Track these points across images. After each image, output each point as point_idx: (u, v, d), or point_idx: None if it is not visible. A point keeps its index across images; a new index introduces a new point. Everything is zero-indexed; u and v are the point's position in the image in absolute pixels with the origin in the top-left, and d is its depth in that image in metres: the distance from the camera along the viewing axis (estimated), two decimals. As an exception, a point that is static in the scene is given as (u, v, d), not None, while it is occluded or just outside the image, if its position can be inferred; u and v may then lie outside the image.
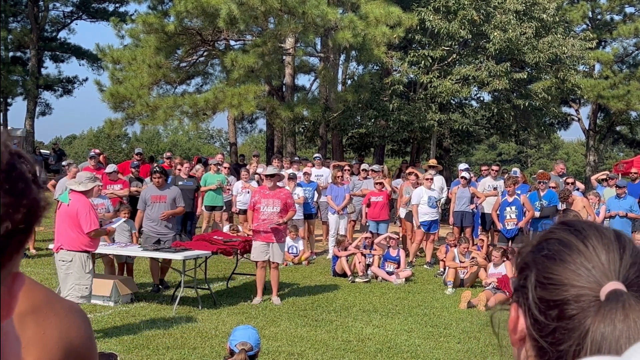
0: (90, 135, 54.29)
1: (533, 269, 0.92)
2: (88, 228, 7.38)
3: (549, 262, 0.91)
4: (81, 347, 1.23)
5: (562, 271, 0.89)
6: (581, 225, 0.94)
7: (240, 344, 4.44)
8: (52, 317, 1.21)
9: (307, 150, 35.08)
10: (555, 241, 0.93)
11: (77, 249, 7.43)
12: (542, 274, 0.90)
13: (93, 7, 34.06)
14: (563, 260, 0.90)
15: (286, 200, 9.86)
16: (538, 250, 0.94)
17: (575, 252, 0.90)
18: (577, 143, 62.34)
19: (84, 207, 7.43)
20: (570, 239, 0.92)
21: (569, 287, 0.87)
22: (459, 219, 14.06)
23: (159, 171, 10.56)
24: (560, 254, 0.91)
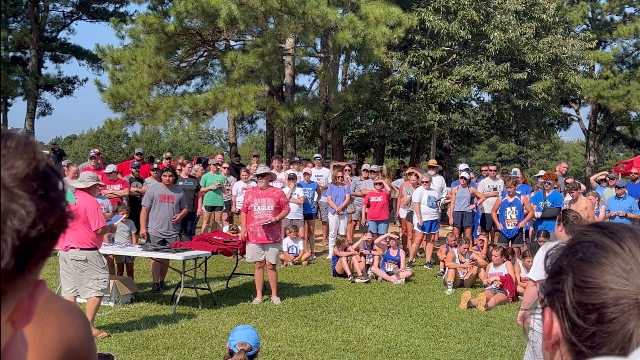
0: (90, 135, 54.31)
1: (569, 272, 0.91)
2: (96, 225, 7.59)
3: (585, 265, 0.90)
4: (80, 348, 1.23)
5: (600, 274, 0.88)
6: (615, 227, 0.93)
7: (240, 344, 4.44)
8: (51, 318, 1.20)
9: (307, 151, 35.07)
10: (590, 244, 0.92)
11: (88, 246, 7.63)
12: (579, 278, 0.89)
13: (93, 7, 34.06)
14: (600, 263, 0.89)
15: (279, 199, 9.87)
16: (572, 253, 0.93)
17: (611, 255, 0.89)
18: (577, 143, 62.34)
19: (91, 205, 7.63)
20: (605, 241, 0.91)
21: (608, 290, 0.86)
22: (459, 219, 14.07)
23: (170, 170, 10.71)
24: (596, 256, 0.90)
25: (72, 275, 7.70)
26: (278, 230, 10.10)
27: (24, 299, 0.71)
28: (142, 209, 10.66)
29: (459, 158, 31.76)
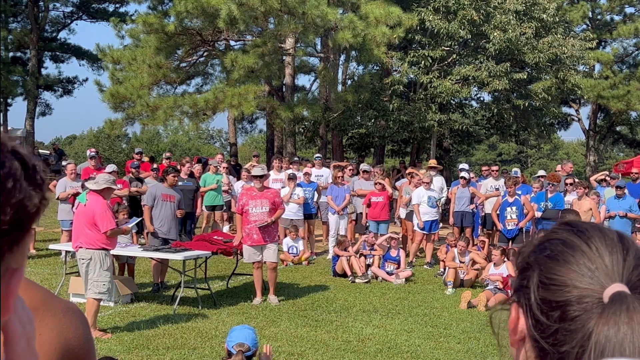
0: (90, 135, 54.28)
1: (535, 269, 0.91)
2: (104, 227, 7.64)
3: (551, 262, 0.90)
4: (78, 348, 1.23)
5: (565, 272, 0.88)
6: (584, 226, 0.93)
7: (237, 345, 4.44)
8: (49, 318, 1.20)
9: (307, 151, 35.06)
10: (558, 241, 0.92)
11: (96, 247, 7.69)
12: (545, 275, 0.89)
13: (93, 8, 34.05)
14: (566, 261, 0.89)
15: (274, 199, 9.87)
16: (540, 250, 0.93)
17: (578, 253, 0.89)
18: (577, 143, 62.34)
19: (100, 207, 7.68)
20: (573, 239, 0.91)
21: (572, 288, 0.86)
22: (459, 219, 14.07)
23: (174, 170, 10.79)
24: (563, 254, 0.90)
25: (82, 275, 7.88)
26: (275, 231, 10.10)
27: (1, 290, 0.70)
28: (144, 208, 10.68)
29: (459, 158, 31.76)
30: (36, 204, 0.70)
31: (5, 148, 0.69)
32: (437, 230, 14.37)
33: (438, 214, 14.21)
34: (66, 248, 10.05)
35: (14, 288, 0.72)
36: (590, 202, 12.67)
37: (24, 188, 0.69)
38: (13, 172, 0.68)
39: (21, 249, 0.72)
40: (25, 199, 0.69)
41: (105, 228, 7.63)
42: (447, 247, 12.63)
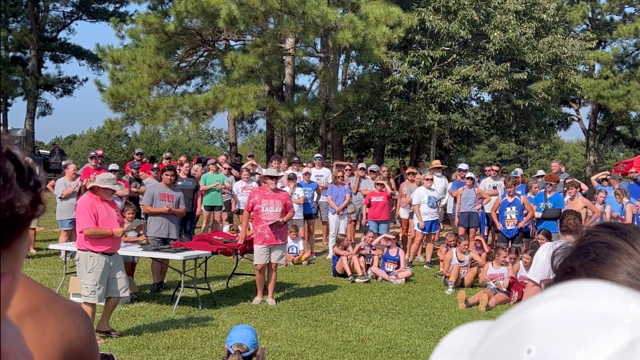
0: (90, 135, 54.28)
1: (582, 273, 0.89)
2: (79, 227, 7.52)
3: (598, 266, 0.88)
4: (81, 348, 1.23)
5: (613, 275, 0.86)
6: (626, 228, 0.92)
7: (236, 345, 4.44)
8: (52, 318, 1.20)
9: (307, 151, 35.08)
10: (602, 245, 0.90)
11: (81, 247, 7.57)
12: (592, 279, 0.89)
13: (93, 7, 34.06)
14: (613, 264, 0.87)
15: (286, 201, 9.90)
16: (584, 254, 0.91)
17: (624, 256, 0.88)
18: (577, 143, 62.33)
19: (81, 205, 7.58)
20: (617, 242, 0.89)
21: None
22: (466, 220, 14.04)
23: (171, 169, 10.76)
24: (609, 257, 0.88)
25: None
26: (285, 232, 10.12)
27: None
28: (143, 208, 10.70)
29: (459, 158, 31.73)
30: (26, 205, 0.69)
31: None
32: (438, 231, 14.37)
33: (438, 215, 14.20)
34: (66, 248, 10.06)
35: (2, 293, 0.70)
36: (584, 200, 12.68)
37: (14, 188, 0.68)
38: (4, 171, 0.68)
39: (11, 253, 0.70)
40: (15, 199, 0.68)
41: (80, 227, 7.49)
42: (447, 247, 12.63)
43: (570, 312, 0.62)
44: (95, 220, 7.48)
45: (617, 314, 0.60)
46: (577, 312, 0.62)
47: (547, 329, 0.62)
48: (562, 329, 0.61)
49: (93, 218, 7.46)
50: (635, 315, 0.60)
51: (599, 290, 0.64)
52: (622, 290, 0.64)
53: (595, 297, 0.63)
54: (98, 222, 7.50)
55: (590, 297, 0.63)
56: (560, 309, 0.63)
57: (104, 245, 7.59)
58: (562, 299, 0.64)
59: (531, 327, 0.63)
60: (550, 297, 0.66)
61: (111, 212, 7.70)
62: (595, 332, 0.59)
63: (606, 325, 0.59)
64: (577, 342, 0.59)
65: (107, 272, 7.60)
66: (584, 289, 0.65)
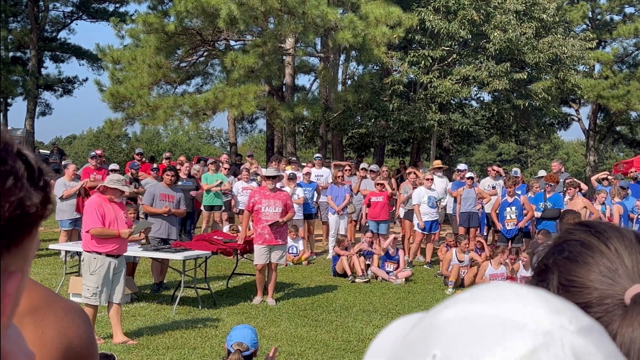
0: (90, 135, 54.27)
1: (555, 271, 0.90)
2: (86, 227, 7.47)
3: (571, 264, 0.89)
4: (80, 348, 1.23)
5: (585, 273, 0.87)
6: (602, 227, 0.92)
7: (236, 344, 4.45)
8: (51, 317, 1.20)
9: (307, 150, 35.07)
10: (576, 243, 0.91)
11: (86, 248, 7.53)
12: (565, 277, 0.88)
13: (93, 7, 34.03)
14: (586, 263, 0.88)
15: (286, 202, 9.89)
16: (559, 252, 0.92)
17: (597, 254, 0.88)
18: (577, 143, 62.33)
19: (89, 205, 7.54)
20: (591, 240, 0.90)
21: (592, 289, 0.85)
22: (466, 220, 14.04)
23: (172, 169, 10.74)
24: (582, 255, 0.88)
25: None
26: (285, 232, 10.11)
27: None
28: (143, 207, 10.69)
29: (459, 158, 31.73)
30: (36, 204, 0.69)
31: (10, 148, 0.69)
32: (437, 231, 14.37)
33: (438, 215, 14.20)
34: (66, 248, 10.06)
35: (11, 292, 0.71)
36: (584, 200, 12.67)
37: (24, 187, 0.69)
38: (15, 170, 0.68)
39: (21, 252, 0.71)
40: (25, 198, 0.68)
41: (86, 227, 7.45)
42: (447, 247, 12.63)
43: (476, 317, 0.62)
44: (102, 221, 7.41)
45: (522, 321, 0.60)
46: (483, 317, 0.61)
47: (452, 334, 0.61)
48: (466, 335, 0.60)
49: (100, 218, 7.40)
50: (540, 322, 0.60)
51: (508, 295, 0.63)
52: (535, 295, 0.63)
53: (503, 302, 0.62)
54: (105, 223, 7.42)
55: (498, 301, 0.63)
56: (467, 314, 0.63)
57: (110, 246, 7.50)
58: (471, 303, 0.64)
59: (439, 331, 0.63)
60: (461, 299, 0.65)
61: (119, 213, 7.60)
62: (498, 339, 0.58)
63: (510, 332, 0.59)
64: (480, 349, 0.58)
65: (110, 274, 7.50)
66: (494, 293, 0.64)
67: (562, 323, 0.60)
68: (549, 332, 0.59)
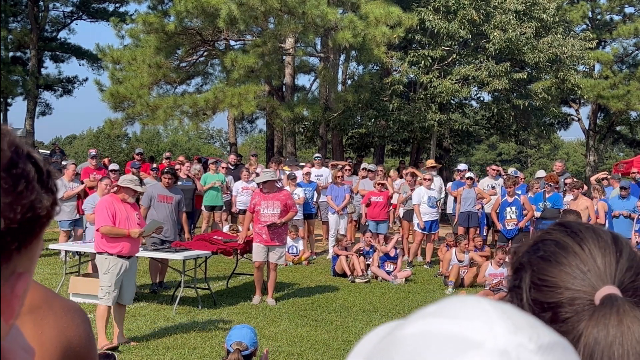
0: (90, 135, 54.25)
1: (528, 269, 0.91)
2: (97, 225, 7.47)
3: (544, 263, 0.89)
4: (80, 347, 1.23)
5: (558, 273, 0.87)
6: (578, 227, 0.92)
7: (235, 343, 4.45)
8: (51, 317, 1.20)
9: (307, 150, 35.08)
10: (551, 242, 0.91)
11: (98, 249, 7.52)
12: (537, 276, 0.89)
13: (93, 7, 34.03)
14: (559, 262, 0.88)
15: (286, 202, 9.85)
16: (534, 251, 0.92)
17: (571, 255, 0.88)
18: (577, 143, 62.34)
19: (99, 205, 7.56)
20: (566, 240, 0.90)
21: (564, 289, 0.86)
22: (465, 220, 14.04)
23: (170, 172, 10.62)
24: (555, 255, 0.89)
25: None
26: (284, 233, 10.08)
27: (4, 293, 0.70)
28: (140, 209, 10.63)
29: (459, 158, 31.74)
30: (47, 207, 0.71)
31: (20, 151, 0.70)
32: (437, 230, 14.38)
33: (438, 214, 14.21)
34: (66, 248, 10.05)
35: (19, 293, 0.72)
36: (587, 200, 12.64)
37: (35, 190, 0.70)
38: (26, 173, 0.69)
39: (29, 253, 0.72)
40: (36, 200, 0.69)
41: (96, 226, 7.46)
42: (446, 247, 12.63)
43: (436, 334, 0.62)
44: (113, 220, 7.37)
45: (480, 339, 0.60)
46: (442, 334, 0.61)
47: (411, 348, 0.62)
48: (423, 351, 0.61)
49: (110, 217, 7.37)
50: (497, 340, 0.59)
51: (471, 312, 0.63)
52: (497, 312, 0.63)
53: (465, 319, 0.62)
54: (115, 222, 7.38)
55: (460, 318, 0.62)
56: (429, 329, 0.63)
57: (121, 246, 7.45)
58: (434, 318, 0.64)
59: (400, 345, 0.63)
60: (427, 314, 0.66)
61: (131, 214, 7.55)
62: (453, 357, 0.59)
63: (466, 351, 0.59)
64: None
65: (122, 275, 7.45)
66: (458, 309, 0.64)
67: (521, 342, 0.60)
68: (505, 351, 0.59)
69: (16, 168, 0.69)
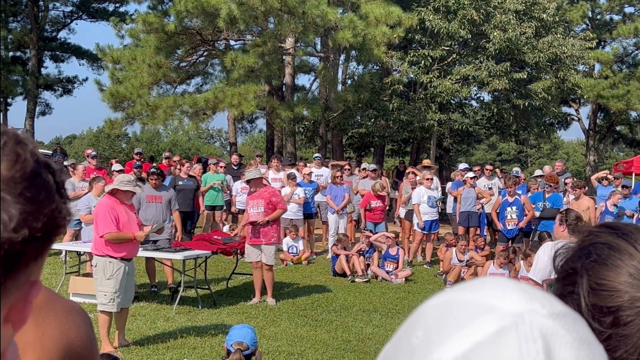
0: (90, 134, 54.26)
1: (583, 275, 0.90)
2: (100, 231, 7.13)
3: (600, 267, 0.88)
4: (81, 348, 1.23)
5: (615, 276, 0.87)
6: (628, 229, 0.92)
7: (236, 343, 4.45)
8: (52, 318, 1.20)
9: (307, 150, 35.08)
10: (603, 246, 0.90)
11: (100, 253, 7.21)
12: (594, 280, 0.88)
13: (93, 7, 34.04)
14: (615, 266, 0.87)
15: (270, 199, 9.66)
16: (586, 255, 0.91)
17: (626, 257, 0.88)
18: (577, 143, 62.34)
19: (102, 208, 7.21)
20: (619, 243, 0.90)
21: (623, 293, 0.85)
22: (465, 219, 14.04)
23: (155, 172, 10.50)
24: (611, 258, 0.88)
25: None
26: (271, 231, 9.85)
27: (18, 300, 0.71)
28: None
29: (459, 158, 31.75)
30: (65, 216, 0.72)
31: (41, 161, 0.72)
32: (437, 230, 14.37)
33: (438, 214, 14.21)
34: (66, 248, 10.04)
35: (32, 300, 0.73)
36: (588, 200, 12.65)
37: (55, 199, 0.71)
38: (47, 183, 0.71)
39: (41, 261, 0.74)
40: (56, 210, 0.71)
41: (100, 232, 7.10)
42: (446, 247, 12.63)
43: (455, 302, 0.66)
44: (117, 224, 7.11)
45: (495, 304, 0.63)
46: (461, 301, 0.65)
47: (432, 316, 0.66)
48: (444, 316, 0.65)
49: (114, 222, 7.10)
50: (512, 306, 0.63)
51: (489, 284, 0.67)
52: (514, 286, 0.66)
53: (482, 290, 0.66)
54: (119, 226, 7.12)
55: (478, 289, 0.67)
56: (449, 299, 0.67)
57: (124, 250, 7.24)
58: (454, 292, 0.68)
59: (423, 315, 0.68)
60: (448, 290, 0.70)
61: (131, 215, 7.35)
62: (470, 319, 0.62)
63: (481, 313, 0.63)
64: (453, 327, 0.63)
65: (125, 278, 7.25)
66: (478, 283, 0.68)
67: (534, 308, 0.63)
68: (519, 314, 0.62)
69: (38, 178, 0.70)
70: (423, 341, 0.64)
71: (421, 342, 0.64)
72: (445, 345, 0.61)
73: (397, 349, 0.67)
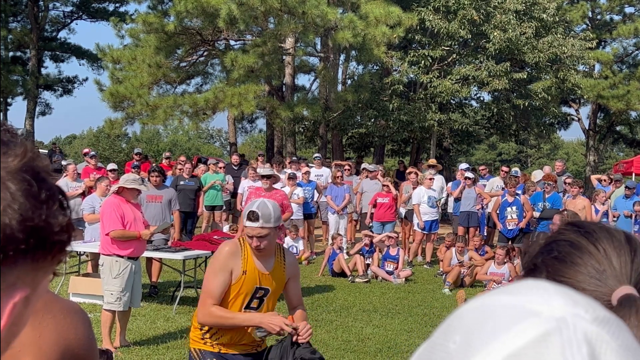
0: (90, 134, 54.27)
1: (543, 271, 0.90)
2: (106, 229, 7.14)
3: (559, 264, 0.88)
4: (79, 349, 1.23)
5: (574, 274, 0.87)
6: (591, 227, 0.92)
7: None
8: (49, 319, 1.20)
9: (307, 150, 35.07)
10: (565, 243, 0.90)
11: (106, 252, 7.22)
12: (553, 277, 0.88)
13: (93, 7, 34.03)
14: (574, 263, 0.87)
15: (282, 202, 9.73)
16: (548, 251, 0.91)
17: (586, 255, 0.88)
18: (577, 143, 62.35)
19: (108, 207, 7.23)
20: (580, 240, 0.89)
21: (580, 290, 0.85)
22: (465, 219, 14.04)
23: (156, 170, 10.50)
24: (571, 256, 0.88)
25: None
26: (280, 232, 10.04)
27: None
28: None
29: (459, 158, 31.75)
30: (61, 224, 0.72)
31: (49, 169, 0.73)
32: (437, 230, 14.38)
33: (438, 214, 14.21)
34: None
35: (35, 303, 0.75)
36: (584, 200, 12.63)
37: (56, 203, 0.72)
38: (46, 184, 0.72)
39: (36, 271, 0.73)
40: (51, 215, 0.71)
41: (107, 229, 7.13)
42: (446, 247, 12.63)
43: (496, 305, 0.64)
44: (122, 222, 7.13)
45: (537, 308, 0.62)
46: (502, 305, 0.64)
47: (471, 319, 0.64)
48: (483, 320, 0.63)
49: (120, 220, 7.12)
50: (555, 310, 0.62)
51: (530, 288, 0.66)
52: (556, 290, 0.65)
53: (523, 293, 0.65)
54: (124, 224, 7.14)
55: (519, 293, 0.65)
56: (488, 302, 0.65)
57: (130, 248, 7.25)
58: (493, 295, 0.67)
59: (460, 319, 0.66)
60: (486, 293, 0.68)
61: (137, 214, 7.35)
62: (512, 323, 0.61)
63: (524, 317, 0.61)
64: (495, 331, 0.61)
65: (132, 277, 7.26)
66: (518, 286, 0.67)
67: (578, 312, 0.62)
68: (563, 318, 0.61)
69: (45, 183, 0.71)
70: (461, 346, 0.62)
71: (459, 347, 0.62)
72: (486, 350, 0.60)
73: (430, 354, 0.66)
